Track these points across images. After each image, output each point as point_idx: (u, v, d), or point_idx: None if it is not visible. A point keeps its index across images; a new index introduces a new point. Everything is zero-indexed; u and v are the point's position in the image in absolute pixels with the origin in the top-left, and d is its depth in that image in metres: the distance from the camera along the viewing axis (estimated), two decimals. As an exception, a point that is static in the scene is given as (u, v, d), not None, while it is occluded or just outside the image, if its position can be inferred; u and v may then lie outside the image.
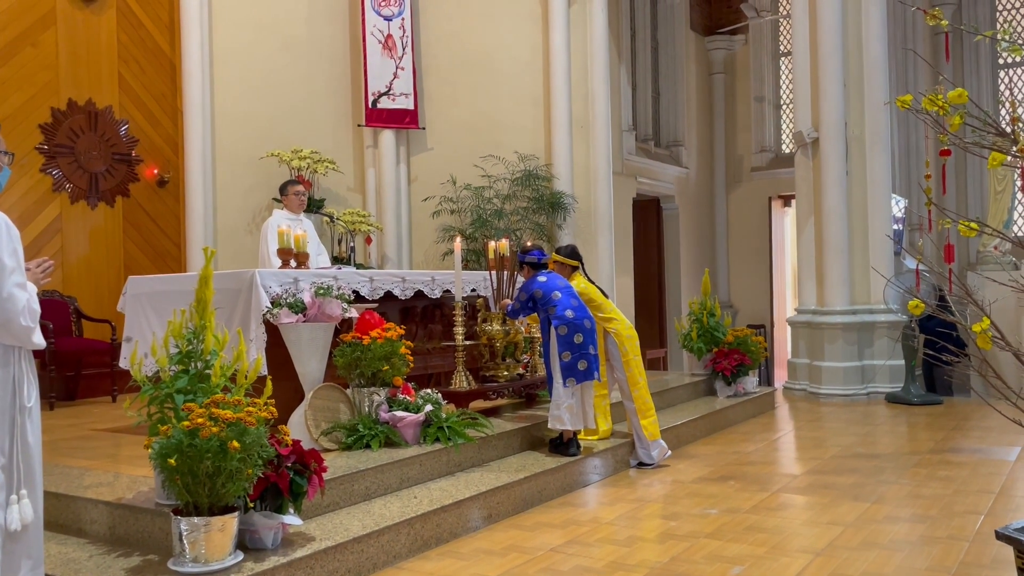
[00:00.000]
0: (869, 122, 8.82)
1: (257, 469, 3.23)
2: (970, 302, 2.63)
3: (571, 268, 5.84)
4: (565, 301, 5.32)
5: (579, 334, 5.24)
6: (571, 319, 5.24)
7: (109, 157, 8.29)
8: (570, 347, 5.21)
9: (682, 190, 13.22)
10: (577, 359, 5.22)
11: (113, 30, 8.36)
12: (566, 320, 5.23)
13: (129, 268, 8.11)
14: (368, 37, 9.81)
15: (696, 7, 13.77)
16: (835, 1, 8.76)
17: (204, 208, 8.69)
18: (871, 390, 8.78)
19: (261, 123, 9.16)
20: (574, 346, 5.22)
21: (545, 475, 4.91)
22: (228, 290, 4.89)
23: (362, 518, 3.92)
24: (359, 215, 9.23)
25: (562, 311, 5.26)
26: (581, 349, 5.23)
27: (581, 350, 5.23)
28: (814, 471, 5.56)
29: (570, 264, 5.85)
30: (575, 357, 5.22)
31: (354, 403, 4.86)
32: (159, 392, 3.35)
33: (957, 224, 2.56)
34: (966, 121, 2.43)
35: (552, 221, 9.72)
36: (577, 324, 5.25)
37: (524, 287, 5.48)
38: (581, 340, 5.24)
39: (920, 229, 10.55)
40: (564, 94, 9.79)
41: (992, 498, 4.76)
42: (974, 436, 6.69)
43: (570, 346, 5.21)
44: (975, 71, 12.29)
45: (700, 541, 4.08)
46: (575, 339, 5.22)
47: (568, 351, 5.21)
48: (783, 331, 12.72)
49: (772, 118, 14.03)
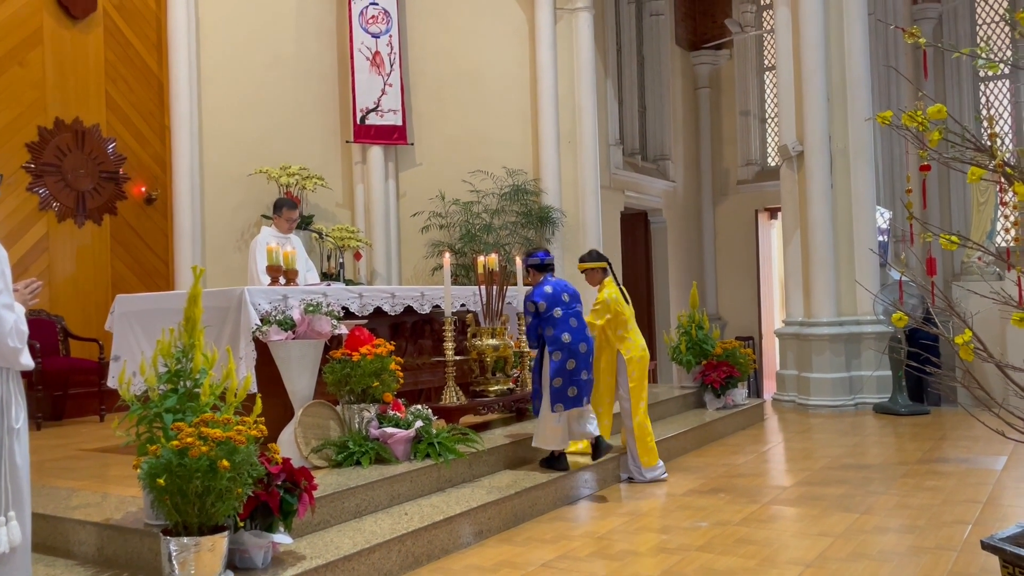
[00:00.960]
0: (853, 136, 8.91)
1: (247, 488, 3.22)
2: (953, 314, 2.67)
3: (601, 272, 5.73)
4: (564, 322, 5.18)
5: (572, 360, 5.14)
6: (567, 344, 5.13)
7: (96, 175, 8.28)
8: (562, 373, 5.13)
9: (669, 203, 13.30)
10: (567, 386, 5.15)
11: (100, 48, 8.37)
12: (560, 345, 5.13)
13: (117, 286, 8.08)
14: (356, 54, 9.86)
15: (681, 22, 13.90)
16: (818, 17, 8.87)
17: (192, 226, 8.67)
18: (859, 401, 8.83)
19: (249, 140, 9.18)
20: (566, 372, 5.13)
21: (536, 490, 4.92)
22: (217, 308, 4.89)
23: (353, 536, 3.91)
24: (348, 231, 9.24)
25: (559, 333, 5.15)
26: (573, 376, 5.15)
27: (573, 377, 5.15)
28: (804, 482, 5.58)
29: (599, 267, 5.74)
30: (565, 384, 5.14)
31: (344, 420, 4.86)
32: (148, 411, 3.34)
33: (939, 237, 2.59)
34: (946, 136, 2.48)
35: (541, 235, 9.76)
36: (572, 350, 5.15)
37: (528, 299, 5.29)
38: (574, 367, 5.15)
39: (903, 241, 10.65)
40: (551, 109, 9.86)
41: (979, 508, 4.80)
42: (961, 446, 6.74)
43: (562, 372, 5.13)
44: (956, 84, 12.44)
45: (691, 554, 4.09)
46: (567, 365, 5.13)
47: (560, 377, 5.13)
48: (771, 343, 12.78)
49: (757, 132, 14.15)
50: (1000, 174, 2.32)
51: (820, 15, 8.86)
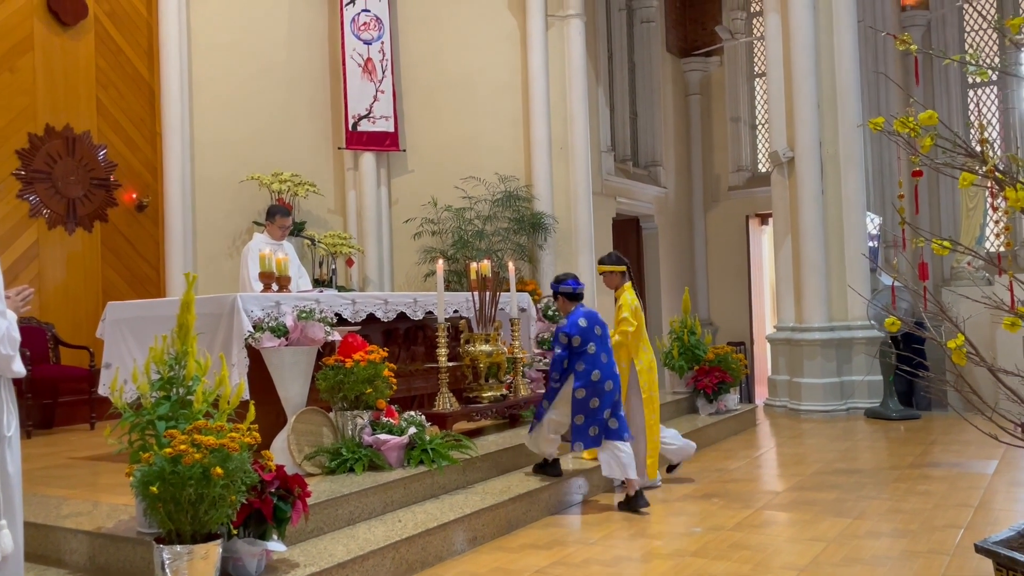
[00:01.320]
0: (843, 142, 8.96)
1: (240, 495, 3.21)
2: (945, 319, 2.68)
3: (620, 275, 5.59)
4: (596, 358, 5.03)
5: (596, 399, 5.00)
6: (595, 382, 5.00)
7: (87, 182, 8.25)
8: (584, 411, 5.00)
9: (661, 209, 13.34)
10: (589, 424, 5.01)
11: (91, 55, 8.35)
12: (588, 383, 4.99)
13: (107, 294, 8.04)
14: (348, 61, 9.87)
15: (672, 29, 13.96)
16: (808, 24, 8.93)
17: (183, 232, 8.65)
18: (850, 406, 8.86)
19: (241, 147, 9.16)
20: (589, 410, 5.00)
21: (530, 496, 4.91)
22: (209, 315, 4.87)
23: (346, 543, 3.89)
24: (340, 237, 9.24)
25: (590, 369, 5.00)
26: (596, 415, 5.01)
27: (595, 416, 5.01)
28: (796, 487, 5.59)
29: (619, 271, 5.59)
30: (587, 422, 5.01)
31: (337, 427, 4.85)
32: (140, 419, 3.32)
33: (930, 243, 2.61)
34: (936, 142, 2.49)
35: (533, 241, 9.78)
36: (599, 388, 5.01)
37: (561, 330, 5.09)
38: (597, 405, 5.01)
39: (895, 246, 10.70)
40: (543, 116, 9.88)
41: (971, 512, 4.82)
42: (952, 450, 6.76)
43: (584, 410, 5.00)
44: (945, 91, 12.53)
45: (685, 560, 4.09)
46: (591, 403, 5.00)
47: (582, 414, 5.00)
48: (763, 348, 12.81)
49: (748, 138, 14.21)
50: (991, 179, 2.34)
51: (810, 22, 8.91)
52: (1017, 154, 2.43)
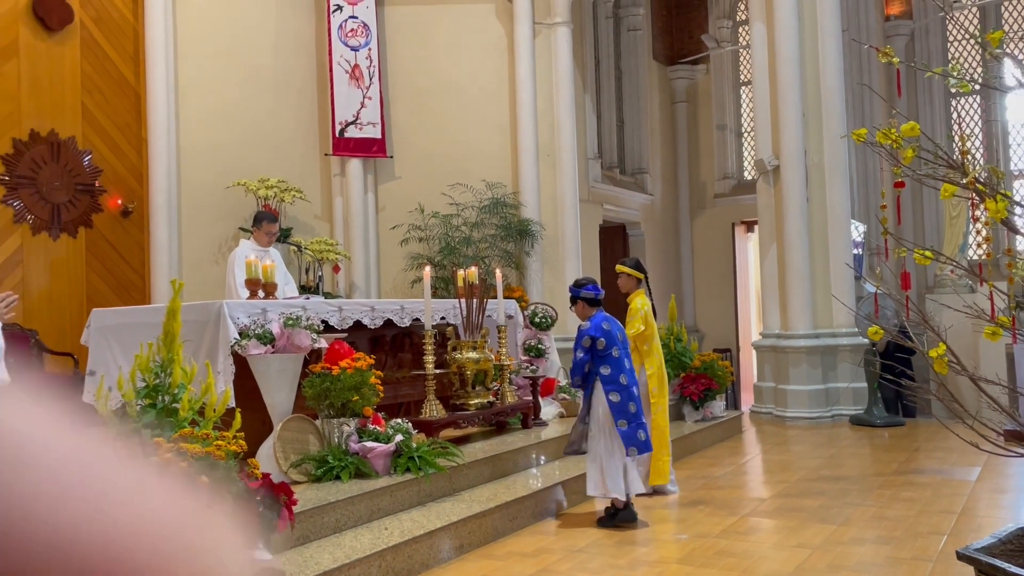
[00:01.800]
0: (828, 150, 9.04)
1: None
2: (927, 328, 2.71)
3: (637, 280, 5.62)
4: (621, 363, 4.93)
5: (632, 403, 4.90)
6: (625, 386, 4.89)
7: (72, 188, 8.20)
8: (626, 415, 4.86)
9: (647, 216, 13.39)
10: (636, 428, 4.87)
11: (77, 60, 8.31)
12: (619, 387, 4.88)
13: (92, 300, 7.99)
14: (335, 67, 9.86)
15: (658, 38, 14.04)
16: (793, 34, 9.00)
17: (169, 238, 8.61)
18: (835, 413, 8.91)
19: (227, 153, 9.13)
20: (630, 415, 4.87)
21: (517, 504, 4.91)
22: (195, 322, 4.85)
23: (333, 551, 3.88)
24: (327, 244, 9.22)
25: (616, 374, 4.89)
26: (637, 418, 4.90)
27: (638, 419, 4.90)
28: (781, 494, 5.62)
29: (636, 276, 5.62)
30: (633, 426, 4.87)
31: (323, 434, 4.83)
32: (126, 427, 3.31)
33: (913, 252, 2.64)
34: (919, 154, 2.53)
35: (520, 248, 9.79)
36: (631, 392, 4.92)
37: (585, 333, 4.97)
38: (635, 409, 4.91)
39: (878, 255, 10.78)
40: (530, 123, 9.91)
41: (954, 518, 4.85)
42: (936, 457, 6.82)
43: (626, 414, 4.86)
44: (928, 101, 12.66)
45: (671, 567, 4.10)
46: (629, 407, 4.88)
47: (625, 419, 4.85)
48: (749, 355, 12.87)
49: (734, 146, 14.29)
50: (972, 190, 2.37)
51: (795, 32, 8.99)
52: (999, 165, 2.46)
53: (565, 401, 7.27)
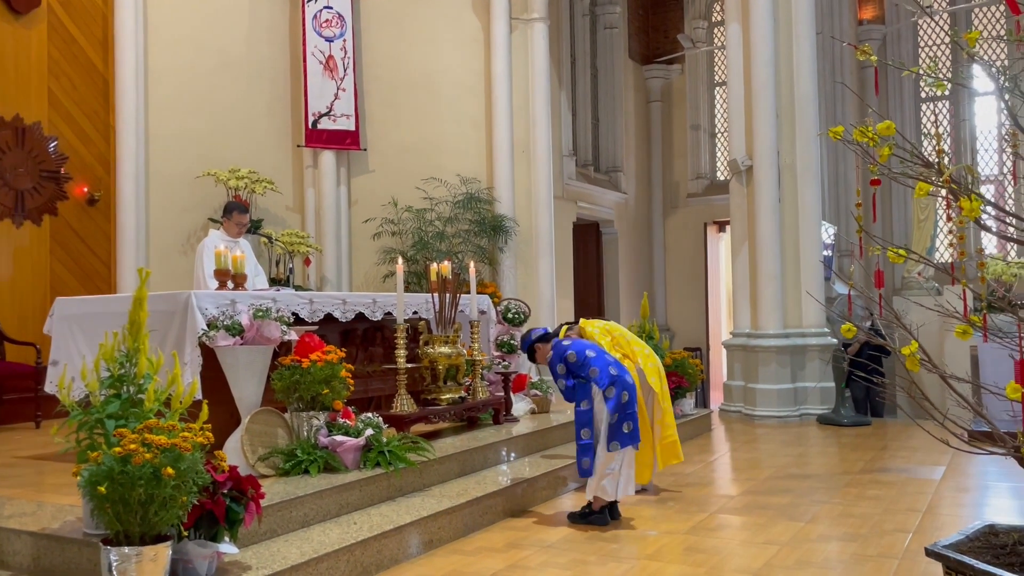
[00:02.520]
0: (800, 151, 9.11)
1: (192, 496, 3.13)
2: (899, 326, 2.73)
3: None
4: (602, 358, 4.84)
5: (625, 392, 4.76)
6: (616, 376, 4.77)
7: (36, 174, 8.03)
8: (618, 407, 4.73)
9: (621, 215, 13.43)
10: (623, 420, 4.74)
11: (44, 44, 8.14)
12: (612, 378, 4.75)
13: (56, 289, 7.83)
14: (309, 58, 9.76)
15: (634, 36, 14.08)
16: (768, 35, 9.06)
17: (136, 228, 8.46)
18: (803, 412, 9.00)
19: (197, 142, 9.00)
20: (621, 406, 4.74)
21: (487, 499, 4.89)
22: (162, 312, 4.77)
23: (300, 545, 3.83)
24: (298, 236, 9.12)
25: (604, 367, 4.77)
26: (627, 409, 4.75)
27: (627, 410, 4.75)
28: (750, 492, 5.66)
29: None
30: (621, 418, 4.73)
31: (292, 428, 4.77)
32: (89, 417, 3.23)
33: (886, 251, 2.66)
34: (894, 152, 2.54)
35: (494, 244, 9.77)
36: (623, 380, 4.79)
37: (554, 360, 4.87)
38: (627, 399, 4.76)
39: (852, 255, 10.90)
40: (506, 118, 9.88)
41: (919, 516, 4.92)
42: (901, 456, 6.90)
43: (618, 406, 4.73)
44: (899, 104, 12.83)
45: (641, 562, 4.10)
46: (622, 398, 4.74)
47: (617, 412, 4.72)
48: (718, 354, 12.96)
49: (708, 146, 14.38)
50: (946, 189, 2.39)
51: (770, 33, 9.05)
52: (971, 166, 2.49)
53: (537, 397, 7.26)
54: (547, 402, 7.29)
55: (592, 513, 4.82)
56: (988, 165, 12.64)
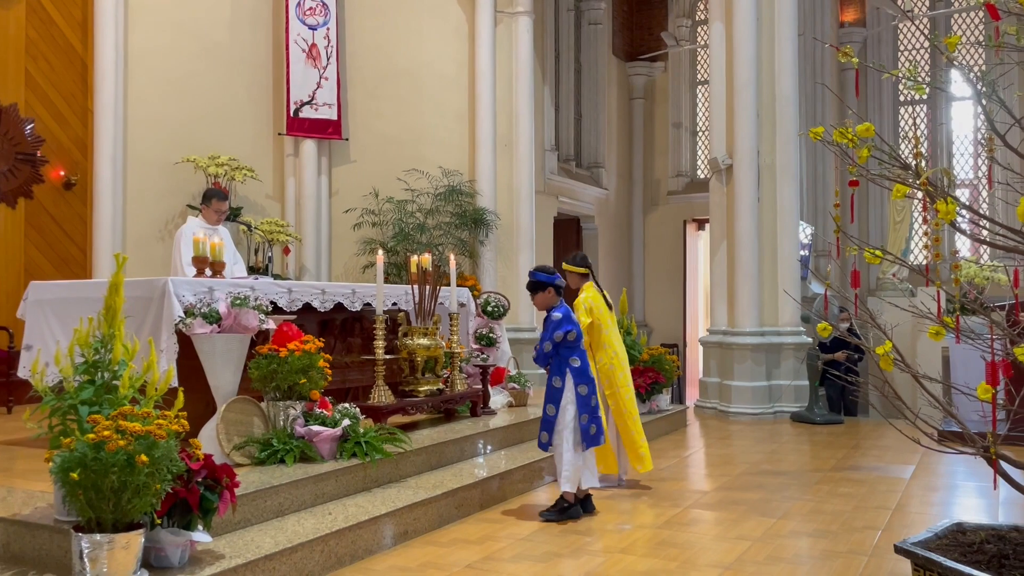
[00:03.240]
0: (780, 152, 9.18)
1: (166, 484, 3.12)
2: (874, 326, 2.77)
3: (582, 276, 5.43)
4: (584, 354, 4.91)
5: (594, 396, 4.85)
6: (592, 379, 4.88)
7: (12, 157, 7.91)
8: (587, 409, 4.82)
9: (601, 211, 13.46)
10: (591, 422, 4.82)
11: (22, 25, 8.01)
12: (587, 379, 4.84)
13: (30, 273, 7.74)
14: (291, 45, 9.69)
15: (619, 33, 14.11)
16: (751, 35, 9.11)
17: (113, 213, 8.37)
18: (777, 409, 9.08)
19: (177, 127, 8.91)
20: (590, 408, 4.83)
21: (463, 491, 4.90)
22: (139, 298, 4.72)
23: (274, 535, 3.82)
24: (277, 225, 9.06)
25: (585, 366, 4.85)
26: (596, 412, 4.86)
27: (595, 412, 4.86)
28: (723, 487, 5.71)
29: (581, 272, 5.42)
30: (590, 420, 4.82)
31: (269, 417, 4.75)
32: (62, 403, 3.20)
33: (863, 252, 2.69)
34: (873, 154, 2.57)
35: (474, 237, 9.76)
36: (594, 383, 4.88)
37: (563, 326, 4.83)
38: (595, 403, 4.87)
39: (829, 255, 11.01)
40: (489, 111, 9.87)
41: (889, 514, 4.99)
42: (872, 455, 6.99)
43: (587, 408, 4.82)
44: (877, 108, 12.96)
45: (614, 556, 4.13)
46: (591, 401, 4.83)
47: (586, 413, 4.81)
48: (695, 350, 13.05)
49: (689, 144, 14.45)
50: (923, 192, 2.42)
51: (753, 33, 9.10)
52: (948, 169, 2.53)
53: (515, 390, 7.27)
54: (525, 395, 7.31)
55: (567, 508, 4.84)
56: (964, 169, 12.81)
